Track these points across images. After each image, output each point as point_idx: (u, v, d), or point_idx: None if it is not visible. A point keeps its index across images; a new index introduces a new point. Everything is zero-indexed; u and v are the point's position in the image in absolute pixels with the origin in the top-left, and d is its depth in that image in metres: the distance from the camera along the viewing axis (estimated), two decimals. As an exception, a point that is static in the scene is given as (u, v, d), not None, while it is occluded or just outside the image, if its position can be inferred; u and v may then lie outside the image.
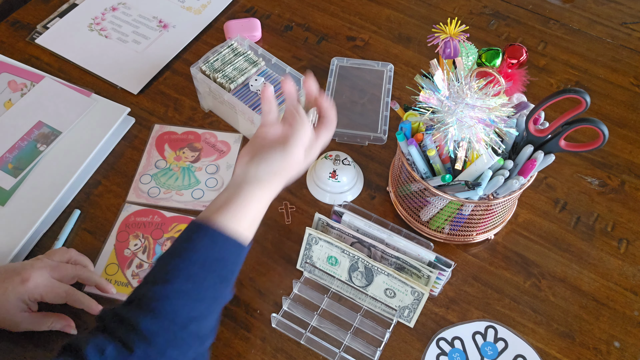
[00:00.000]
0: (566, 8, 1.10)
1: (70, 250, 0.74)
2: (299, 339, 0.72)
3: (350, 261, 0.73)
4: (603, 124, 0.61)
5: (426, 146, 0.69)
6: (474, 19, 1.08)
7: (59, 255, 0.72)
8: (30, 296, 0.67)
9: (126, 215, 0.82)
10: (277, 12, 1.08)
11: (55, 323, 0.70)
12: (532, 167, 0.66)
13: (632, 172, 0.88)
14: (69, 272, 0.71)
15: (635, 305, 0.76)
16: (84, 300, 0.70)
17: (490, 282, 0.77)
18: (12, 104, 0.91)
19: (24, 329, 0.69)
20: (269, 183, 0.62)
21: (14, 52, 1.01)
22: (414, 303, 0.71)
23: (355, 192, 0.85)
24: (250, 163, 0.62)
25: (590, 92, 0.91)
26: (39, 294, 0.68)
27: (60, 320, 0.71)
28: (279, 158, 0.62)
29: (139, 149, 0.90)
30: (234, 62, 0.89)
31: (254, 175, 0.61)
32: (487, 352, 0.72)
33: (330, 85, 0.95)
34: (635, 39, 1.05)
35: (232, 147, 0.90)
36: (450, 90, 0.64)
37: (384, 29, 1.06)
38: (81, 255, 0.74)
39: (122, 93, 0.96)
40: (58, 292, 0.69)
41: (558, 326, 0.74)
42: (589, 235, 0.82)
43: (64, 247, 0.74)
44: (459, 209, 0.73)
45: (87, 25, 1.05)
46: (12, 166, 0.84)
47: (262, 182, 0.61)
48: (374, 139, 0.90)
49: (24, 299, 0.67)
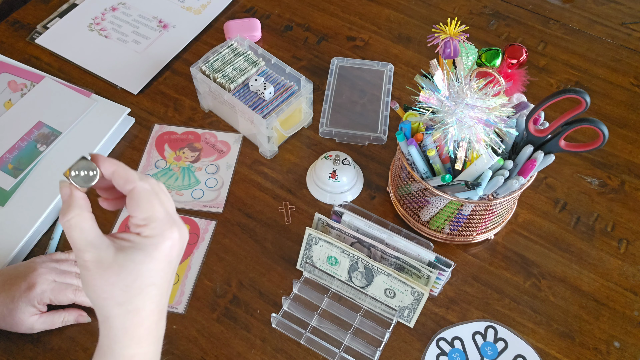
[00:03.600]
0: (566, 8, 1.10)
1: (75, 265, 0.74)
2: (299, 339, 0.72)
3: (350, 261, 0.73)
4: (603, 124, 0.61)
5: (426, 146, 0.69)
6: (474, 19, 1.08)
7: (66, 266, 0.73)
8: (39, 301, 0.68)
9: (127, 215, 0.82)
10: (277, 12, 1.08)
11: (68, 317, 0.71)
12: (532, 167, 0.66)
13: (632, 172, 0.88)
14: (74, 282, 0.72)
15: (635, 305, 0.76)
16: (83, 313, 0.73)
17: (490, 282, 0.77)
18: (12, 104, 0.91)
19: (39, 330, 0.70)
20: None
21: (14, 52, 1.01)
22: (413, 303, 0.71)
23: (355, 192, 0.85)
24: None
25: (590, 92, 0.91)
26: (47, 298, 0.69)
27: (72, 313, 0.72)
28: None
29: (139, 149, 0.90)
30: (234, 62, 0.89)
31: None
32: (487, 352, 0.72)
33: (330, 85, 0.95)
34: (635, 39, 1.05)
35: (232, 147, 0.90)
36: (450, 90, 0.64)
37: (384, 29, 1.06)
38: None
39: (122, 93, 0.96)
40: (65, 293, 0.70)
41: (558, 326, 0.74)
42: (589, 235, 0.82)
43: (72, 261, 0.75)
44: (458, 209, 0.73)
45: (87, 25, 1.05)
46: (12, 166, 0.84)
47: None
48: (374, 139, 0.90)
49: (33, 303, 0.68)
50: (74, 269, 0.73)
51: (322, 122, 0.91)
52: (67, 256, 0.75)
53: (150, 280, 0.47)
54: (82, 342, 0.72)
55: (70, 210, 0.45)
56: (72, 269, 0.73)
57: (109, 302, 0.46)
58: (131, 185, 0.47)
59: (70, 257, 0.76)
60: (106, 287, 0.45)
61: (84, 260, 0.45)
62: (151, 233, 0.47)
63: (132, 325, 0.48)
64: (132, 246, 0.46)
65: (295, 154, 0.89)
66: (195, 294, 0.76)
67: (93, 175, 0.47)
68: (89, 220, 0.46)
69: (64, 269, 0.72)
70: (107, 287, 0.45)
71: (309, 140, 0.91)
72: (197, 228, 0.81)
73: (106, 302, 0.46)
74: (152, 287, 0.47)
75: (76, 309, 0.72)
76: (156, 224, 0.47)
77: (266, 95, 0.85)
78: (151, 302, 0.48)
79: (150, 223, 0.47)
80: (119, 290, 0.46)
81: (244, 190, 0.85)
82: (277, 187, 0.86)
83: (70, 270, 0.73)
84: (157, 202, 0.47)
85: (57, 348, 0.71)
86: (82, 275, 0.46)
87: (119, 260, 0.45)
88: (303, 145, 0.90)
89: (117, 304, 0.46)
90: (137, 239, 0.47)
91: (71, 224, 0.45)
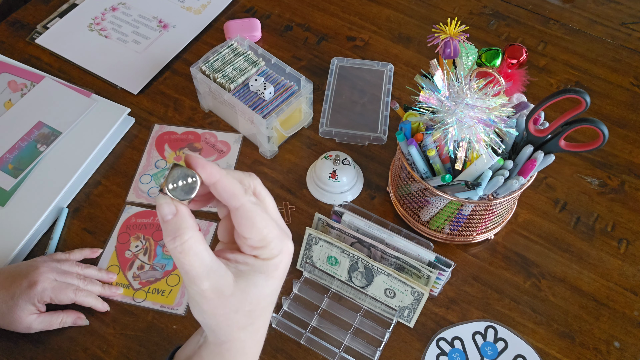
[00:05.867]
0: (566, 8, 1.10)
1: (76, 265, 0.75)
2: (299, 339, 0.72)
3: (350, 261, 0.73)
4: (603, 124, 0.61)
5: (426, 146, 0.69)
6: (474, 19, 1.08)
7: (67, 266, 0.73)
8: (40, 299, 0.68)
9: (127, 216, 0.82)
10: (277, 12, 1.08)
11: (66, 319, 0.71)
12: (532, 167, 0.66)
13: (632, 172, 0.88)
14: (75, 282, 0.72)
15: (635, 305, 0.76)
16: (91, 299, 0.72)
17: (490, 282, 0.77)
18: (12, 104, 0.91)
19: (36, 329, 0.70)
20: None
21: (14, 52, 1.01)
22: (413, 303, 0.71)
23: (355, 192, 0.85)
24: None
25: (590, 92, 0.91)
26: (47, 297, 0.69)
27: (70, 315, 0.72)
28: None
29: (139, 149, 0.90)
30: (234, 62, 0.89)
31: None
32: (487, 352, 0.72)
33: (330, 85, 0.95)
34: (635, 39, 1.05)
35: (232, 147, 0.90)
36: (450, 90, 0.64)
37: (384, 29, 1.06)
38: (88, 268, 0.75)
39: (122, 93, 0.96)
40: (66, 292, 0.70)
41: (558, 326, 0.74)
42: (589, 235, 0.82)
43: (72, 261, 0.75)
44: (458, 209, 0.73)
45: (87, 26, 1.05)
46: (12, 166, 0.84)
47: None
48: (374, 139, 0.90)
49: (33, 302, 0.68)
50: (75, 269, 0.73)
51: (322, 122, 0.91)
52: (67, 256, 0.76)
53: (270, 299, 0.44)
54: (82, 342, 0.72)
55: (182, 232, 0.38)
56: (73, 269, 0.73)
57: (232, 328, 0.42)
58: (238, 202, 0.40)
59: (70, 257, 0.76)
60: (229, 315, 0.41)
61: (202, 289, 0.39)
62: (271, 254, 0.42)
63: (251, 344, 0.45)
64: (251, 270, 0.41)
65: (295, 154, 0.89)
66: (195, 294, 0.76)
67: (193, 183, 0.39)
68: (203, 242, 0.39)
69: (65, 269, 0.72)
70: (230, 315, 0.41)
71: (309, 140, 0.91)
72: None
73: (229, 328, 0.42)
74: (271, 305, 0.45)
75: (75, 311, 0.72)
76: (274, 244, 0.42)
77: (266, 95, 0.85)
78: (268, 318, 0.46)
79: (268, 244, 0.41)
80: (243, 316, 0.42)
81: (244, 190, 0.85)
82: (277, 187, 0.86)
83: (71, 271, 0.73)
84: (269, 218, 0.42)
85: (57, 348, 0.71)
86: (197, 303, 0.40)
87: (240, 286, 0.41)
88: (303, 145, 0.90)
89: (240, 328, 0.42)
90: (256, 262, 0.42)
91: (185, 248, 0.38)
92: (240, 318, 0.42)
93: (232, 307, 0.41)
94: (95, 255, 0.78)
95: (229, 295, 0.40)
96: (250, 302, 0.41)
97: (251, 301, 0.42)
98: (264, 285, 0.42)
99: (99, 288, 0.74)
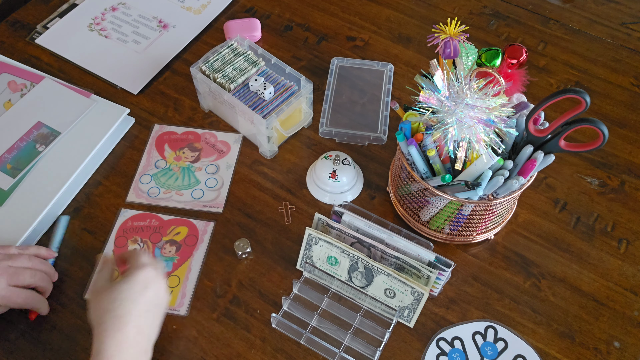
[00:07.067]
0: (566, 8, 1.10)
1: (32, 259, 0.71)
2: (299, 339, 0.72)
3: (350, 261, 0.73)
4: (603, 124, 0.61)
5: (426, 146, 0.69)
6: (474, 19, 1.08)
7: (21, 262, 0.70)
8: None
9: (123, 220, 0.82)
10: (277, 12, 1.08)
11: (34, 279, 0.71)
12: (532, 167, 0.66)
13: (632, 172, 0.88)
14: (27, 280, 0.69)
15: (635, 305, 0.76)
16: (41, 305, 0.72)
17: (490, 282, 0.77)
18: (12, 104, 0.91)
19: (6, 295, 0.68)
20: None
21: (14, 52, 1.01)
22: (413, 303, 0.71)
23: (355, 192, 0.85)
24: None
25: (590, 92, 0.91)
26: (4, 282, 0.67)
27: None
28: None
29: (139, 149, 0.90)
30: (234, 62, 0.89)
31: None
32: (487, 352, 0.72)
33: (330, 85, 0.95)
34: (635, 39, 1.05)
35: (232, 147, 0.90)
36: (450, 90, 0.64)
37: (384, 29, 1.06)
38: (44, 263, 0.73)
39: (122, 93, 0.96)
40: (16, 300, 0.68)
41: (558, 326, 0.74)
42: (589, 235, 0.82)
43: (27, 256, 0.71)
44: (458, 209, 0.73)
45: (87, 26, 1.05)
46: (10, 166, 0.84)
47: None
48: (373, 139, 0.90)
49: None
50: (29, 277, 0.70)
51: (322, 122, 0.91)
52: (21, 251, 0.72)
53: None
54: (82, 342, 0.72)
55: None
56: (27, 277, 0.70)
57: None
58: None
59: (26, 252, 0.72)
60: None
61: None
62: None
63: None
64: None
65: (295, 154, 0.89)
66: (195, 295, 0.76)
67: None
68: None
69: (19, 274, 0.69)
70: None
71: (309, 140, 0.91)
72: (196, 230, 0.81)
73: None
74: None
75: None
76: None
77: (266, 95, 0.85)
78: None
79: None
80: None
81: (243, 190, 0.85)
82: (277, 187, 0.86)
83: (24, 279, 0.69)
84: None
85: (57, 348, 0.71)
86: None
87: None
88: (303, 145, 0.90)
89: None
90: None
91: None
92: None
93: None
94: (52, 257, 0.76)
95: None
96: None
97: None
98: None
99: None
